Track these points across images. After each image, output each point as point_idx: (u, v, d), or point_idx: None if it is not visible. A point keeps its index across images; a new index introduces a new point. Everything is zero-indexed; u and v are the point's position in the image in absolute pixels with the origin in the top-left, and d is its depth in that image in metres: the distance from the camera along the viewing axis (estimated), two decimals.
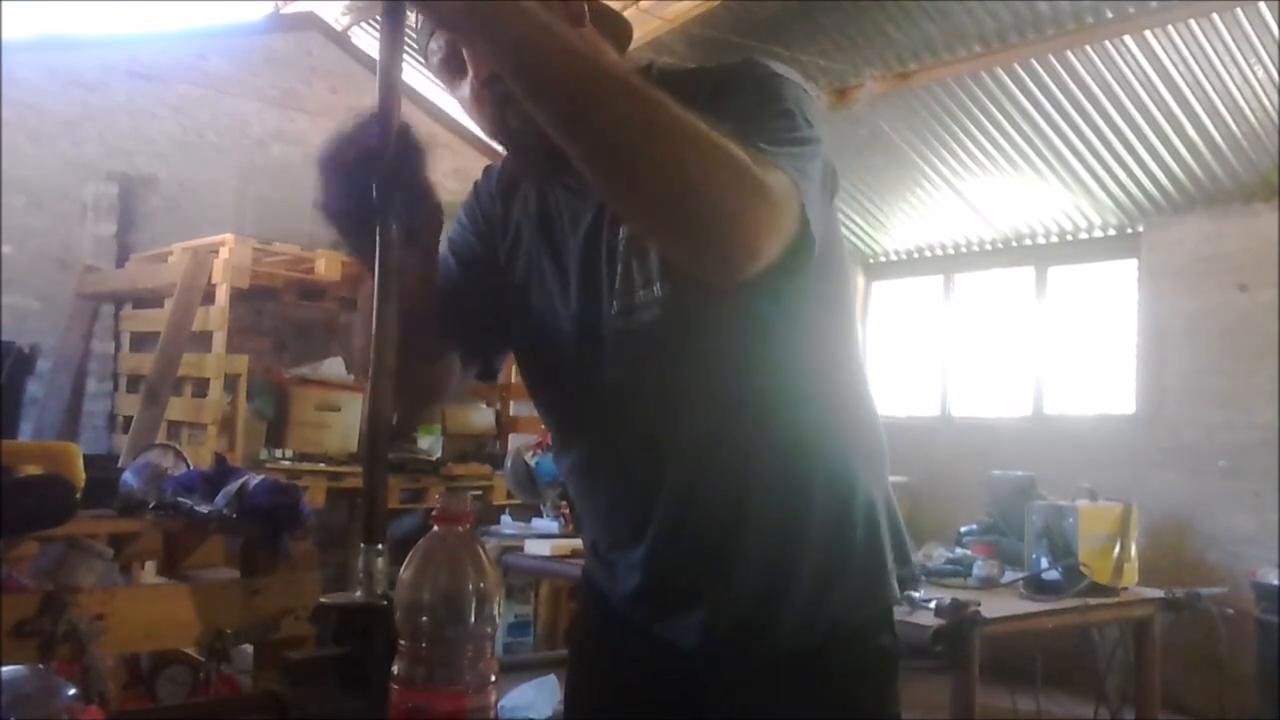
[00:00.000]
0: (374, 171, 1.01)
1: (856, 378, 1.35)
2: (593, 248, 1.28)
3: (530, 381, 1.42)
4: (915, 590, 2.80)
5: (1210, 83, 5.04)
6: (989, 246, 6.80)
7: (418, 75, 6.27)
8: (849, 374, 1.34)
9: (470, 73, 1.20)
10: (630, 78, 0.98)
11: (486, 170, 1.48)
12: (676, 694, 1.33)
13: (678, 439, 1.26)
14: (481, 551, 0.94)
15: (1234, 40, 4.79)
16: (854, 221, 7.08)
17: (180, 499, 2.69)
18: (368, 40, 6.60)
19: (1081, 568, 3.20)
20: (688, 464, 1.26)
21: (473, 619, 0.90)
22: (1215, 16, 4.71)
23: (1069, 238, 6.45)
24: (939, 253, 7.13)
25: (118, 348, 5.61)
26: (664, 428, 1.26)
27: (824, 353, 1.31)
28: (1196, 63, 4.96)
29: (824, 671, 1.28)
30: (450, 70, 1.23)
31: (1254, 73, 4.91)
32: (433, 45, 1.23)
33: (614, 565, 1.37)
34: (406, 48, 1.02)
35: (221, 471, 2.85)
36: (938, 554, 3.66)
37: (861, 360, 1.39)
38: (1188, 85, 5.09)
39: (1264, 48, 4.78)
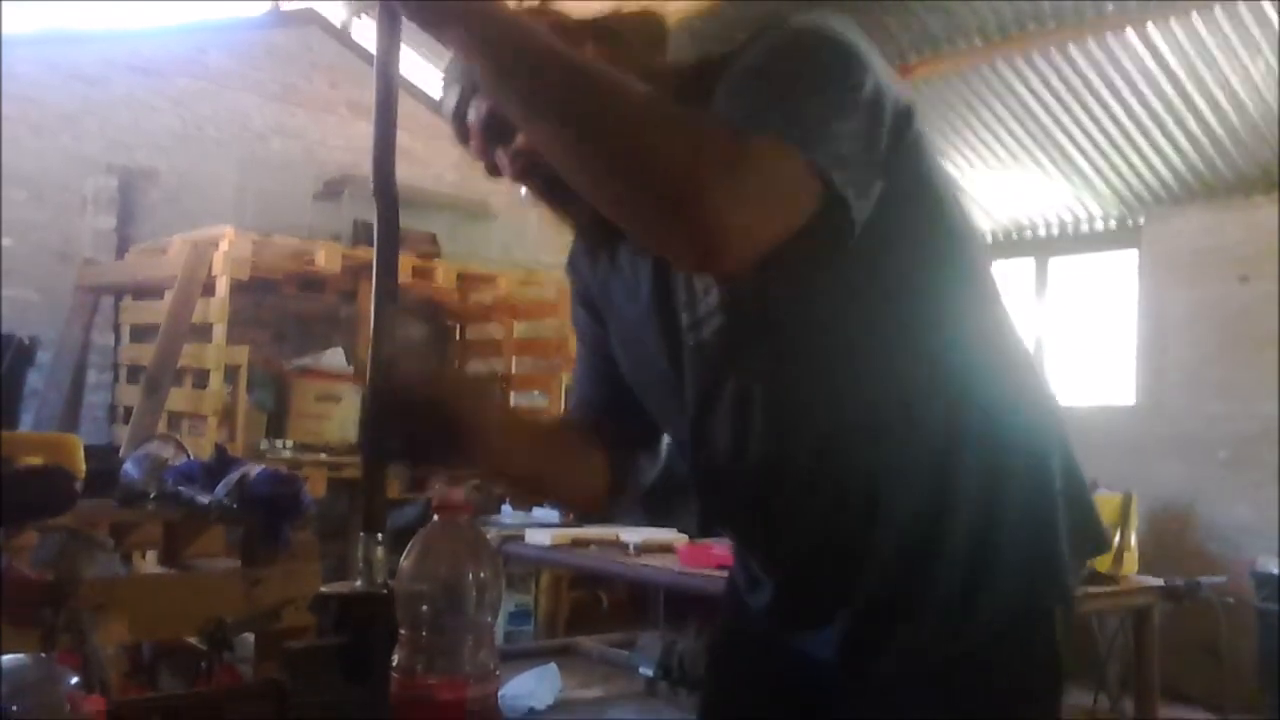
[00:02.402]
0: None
1: (996, 348, 1.19)
2: (662, 267, 1.22)
3: (654, 416, 1.34)
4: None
5: (1211, 75, 5.03)
6: (990, 238, 6.80)
7: (416, 69, 6.27)
8: (985, 346, 1.18)
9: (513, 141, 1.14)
10: (574, 61, 0.97)
11: (572, 245, 1.42)
12: (814, 708, 1.25)
13: (784, 450, 1.16)
14: (481, 541, 0.94)
15: (1235, 33, 4.78)
16: None
17: (181, 489, 2.69)
18: (368, 35, 6.59)
19: None
20: (800, 474, 1.16)
21: (473, 608, 0.90)
22: (1216, 9, 4.71)
23: (1070, 229, 6.45)
24: None
25: (118, 339, 5.61)
26: (766, 442, 1.16)
27: (947, 329, 1.15)
28: (1197, 55, 4.95)
29: (971, 683, 1.16)
30: (491, 134, 1.15)
31: (1254, 65, 4.91)
32: (471, 111, 1.15)
33: (755, 579, 1.29)
34: (404, 43, 1.03)
35: (222, 462, 2.86)
36: None
37: (1006, 326, 1.21)
38: (1188, 78, 5.08)
39: (1264, 40, 4.77)
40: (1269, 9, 4.61)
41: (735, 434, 1.17)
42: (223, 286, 4.84)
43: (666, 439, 1.37)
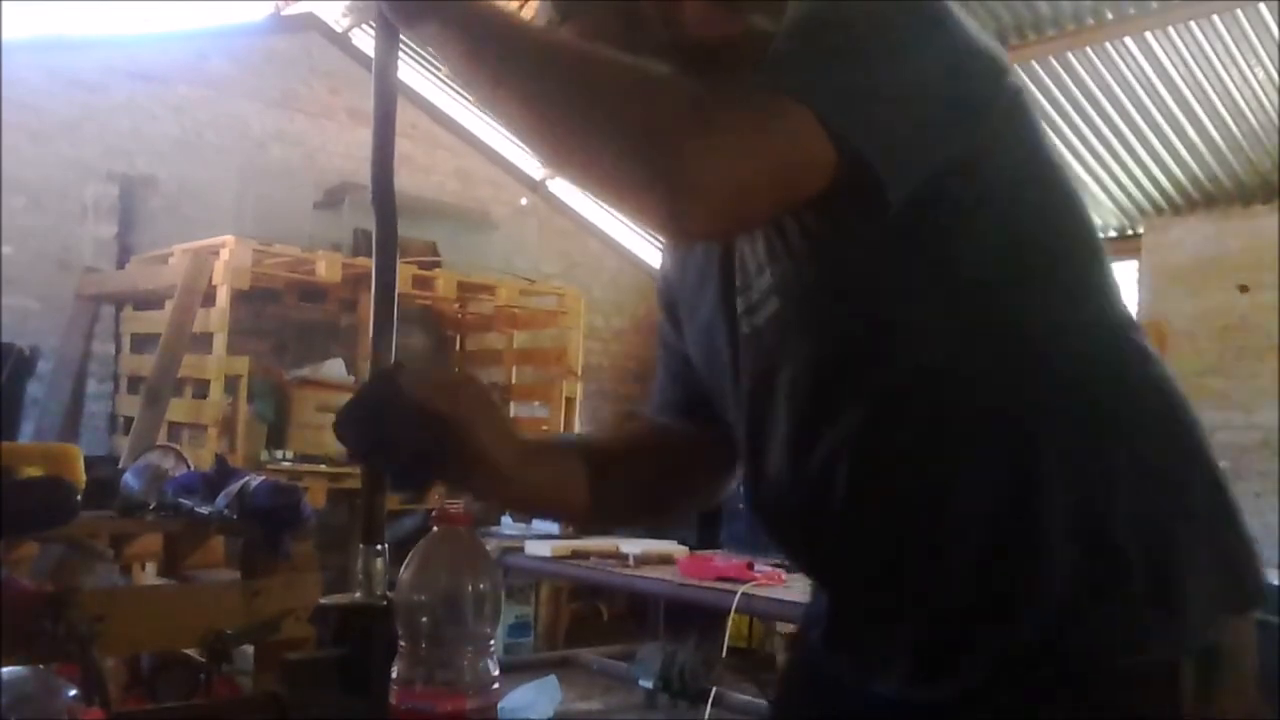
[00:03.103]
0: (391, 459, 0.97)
1: (1103, 328, 1.03)
2: (729, 254, 1.14)
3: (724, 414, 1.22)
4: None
5: (1210, 84, 5.04)
6: None
7: (415, 76, 6.28)
8: (1086, 326, 1.01)
9: None
10: (546, 38, 0.97)
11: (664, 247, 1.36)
12: None
13: (837, 454, 1.02)
14: (481, 552, 0.94)
15: (1234, 41, 4.79)
16: None
17: (181, 500, 2.69)
18: (368, 41, 6.60)
19: None
20: (855, 481, 1.01)
21: (473, 620, 0.90)
22: (1215, 18, 4.71)
23: None
24: None
25: (118, 349, 5.61)
26: (816, 444, 1.04)
27: (1038, 307, 1.00)
28: (1196, 64, 4.96)
29: None
30: None
31: (1254, 74, 4.91)
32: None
33: (818, 610, 1.17)
34: (402, 50, 1.03)
35: (222, 472, 2.85)
36: None
37: (1114, 299, 1.05)
38: (1188, 86, 5.09)
39: (1264, 49, 4.78)
40: (1269, 17, 4.62)
41: (789, 427, 1.07)
42: (223, 296, 4.84)
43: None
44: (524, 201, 6.74)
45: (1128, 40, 4.96)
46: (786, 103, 0.88)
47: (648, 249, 7.34)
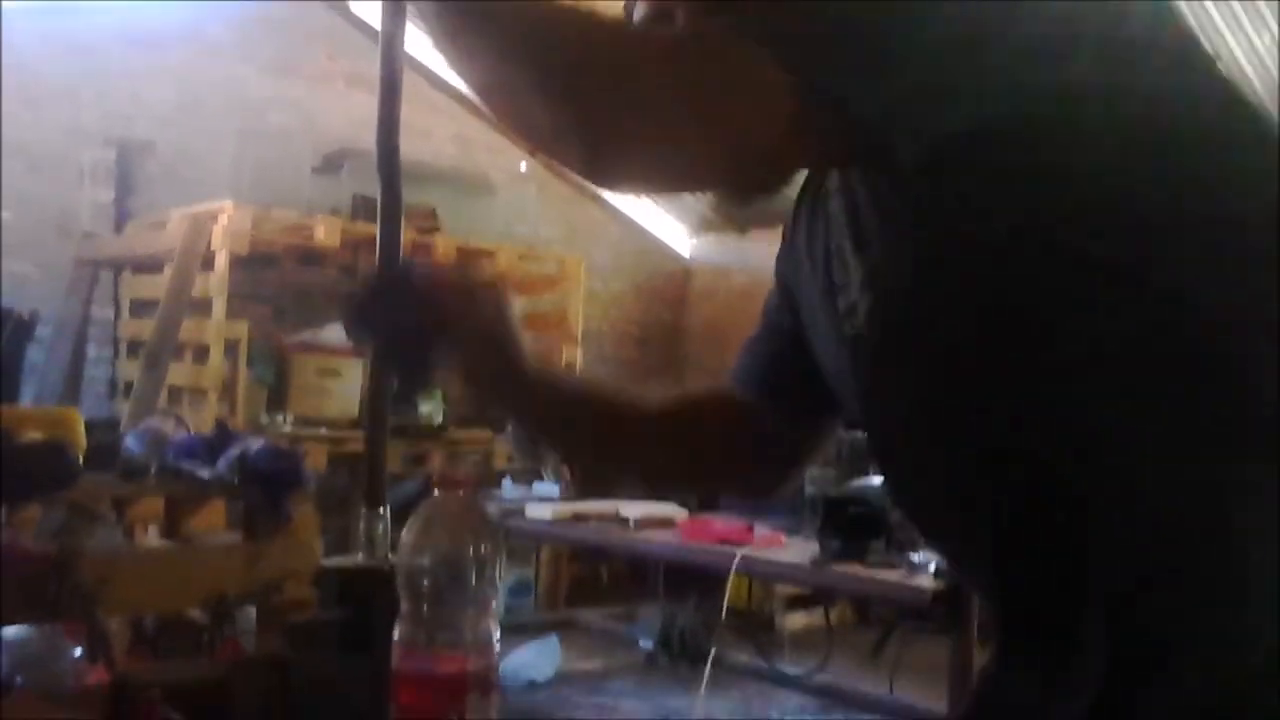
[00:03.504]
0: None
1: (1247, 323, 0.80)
2: (830, 249, 1.01)
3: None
4: None
5: (1218, 50, 5.00)
6: None
7: (413, 40, 6.24)
8: (1225, 324, 0.80)
9: None
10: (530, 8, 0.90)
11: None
12: None
13: (962, 467, 0.89)
14: (482, 515, 0.95)
15: (1241, 7, 4.76)
16: None
17: (181, 464, 2.70)
18: (366, 6, 6.55)
19: None
20: (988, 494, 0.88)
21: (474, 582, 0.90)
22: (1215, 18, 4.68)
23: None
24: None
25: (117, 314, 5.60)
26: (929, 457, 0.92)
27: (1157, 297, 0.80)
28: (1202, 30, 4.92)
29: None
30: None
31: (1260, 39, 4.88)
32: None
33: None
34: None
35: (222, 436, 2.87)
36: None
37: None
38: None
39: (1270, 14, 4.75)
40: (1267, 14, 4.59)
41: (913, 445, 0.94)
42: (222, 261, 4.83)
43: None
44: (523, 167, 6.71)
45: None
46: (743, 48, 0.79)
47: (648, 214, 7.32)
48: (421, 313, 0.96)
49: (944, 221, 0.84)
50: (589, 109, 0.82)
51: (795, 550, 3.54)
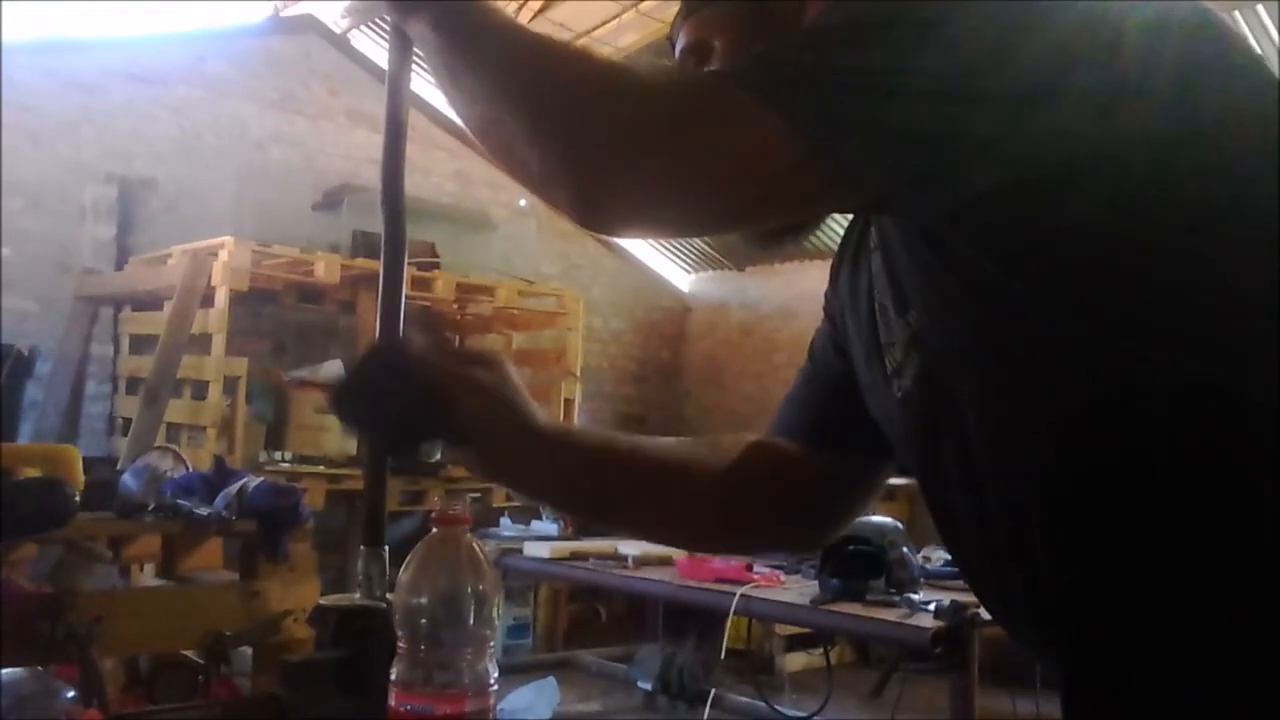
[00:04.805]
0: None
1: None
2: (875, 307, 1.00)
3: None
4: None
5: None
6: None
7: (414, 77, 6.28)
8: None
9: None
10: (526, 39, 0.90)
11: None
12: None
13: (1025, 523, 0.86)
14: (480, 554, 0.94)
15: (1241, 8, 4.79)
16: None
17: (179, 501, 2.69)
18: (367, 43, 6.60)
19: None
20: (1037, 560, 0.86)
21: (471, 621, 0.90)
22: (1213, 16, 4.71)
23: None
24: None
25: (117, 350, 5.61)
26: (1004, 515, 0.89)
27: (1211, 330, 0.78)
28: None
29: None
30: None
31: (1261, 45, 4.91)
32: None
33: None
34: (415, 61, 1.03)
35: (221, 474, 2.86)
36: (937, 556, 3.66)
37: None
38: None
39: (1263, 50, 4.78)
40: (1266, 20, 4.62)
41: (970, 503, 0.91)
42: (222, 297, 4.84)
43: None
44: (523, 203, 6.74)
45: None
46: (741, 98, 0.78)
47: (647, 251, 7.34)
48: (411, 404, 0.92)
49: (983, 287, 0.83)
50: (579, 153, 0.81)
51: (795, 590, 3.52)
